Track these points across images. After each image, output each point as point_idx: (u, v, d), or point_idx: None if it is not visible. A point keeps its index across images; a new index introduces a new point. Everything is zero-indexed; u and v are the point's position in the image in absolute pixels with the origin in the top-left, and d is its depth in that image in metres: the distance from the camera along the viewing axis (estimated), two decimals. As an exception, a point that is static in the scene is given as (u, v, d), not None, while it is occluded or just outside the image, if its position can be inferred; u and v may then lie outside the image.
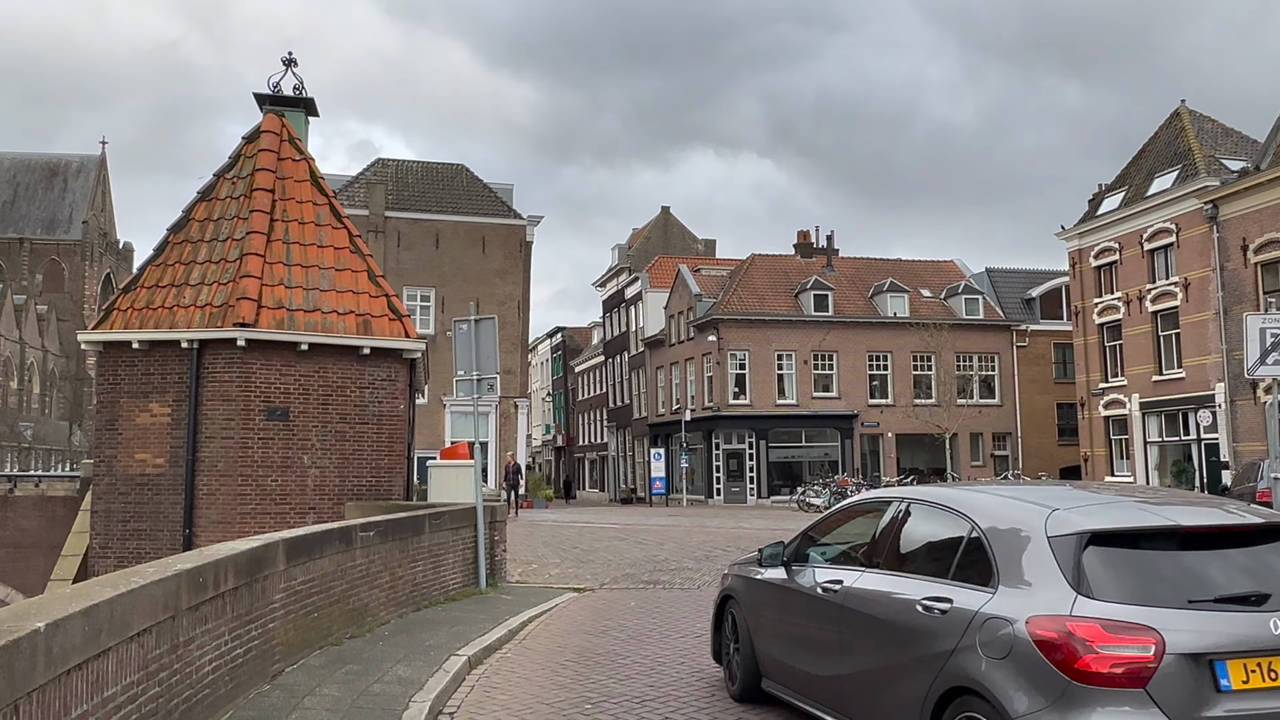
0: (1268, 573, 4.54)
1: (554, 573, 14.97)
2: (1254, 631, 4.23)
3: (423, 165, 46.61)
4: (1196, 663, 4.15)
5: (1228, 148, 37.79)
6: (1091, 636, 4.19)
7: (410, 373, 14.65)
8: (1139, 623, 4.18)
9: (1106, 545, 4.53)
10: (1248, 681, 4.18)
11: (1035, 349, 50.71)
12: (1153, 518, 4.74)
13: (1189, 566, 4.54)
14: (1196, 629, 4.21)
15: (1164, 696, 4.08)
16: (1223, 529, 4.72)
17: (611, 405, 64.18)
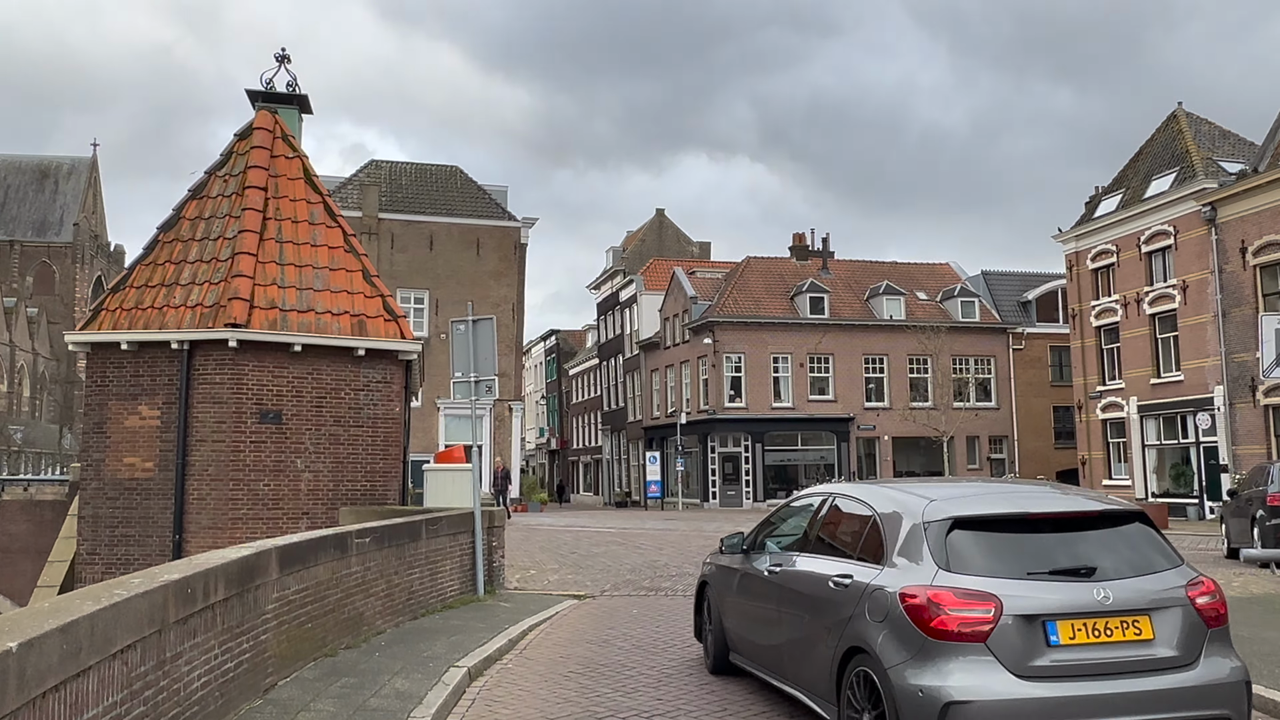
0: (1098, 550, 5.50)
1: (552, 579, 14.67)
2: (1081, 598, 5.21)
3: (416, 167, 46.31)
4: (1030, 622, 5.13)
5: (1225, 150, 37.66)
6: (944, 601, 5.18)
7: (406, 374, 14.34)
8: (982, 590, 5.18)
9: (966, 529, 5.52)
10: (1074, 638, 5.14)
11: (1031, 352, 50.57)
12: (1005, 506, 5.80)
13: (1031, 545, 5.50)
14: (1031, 595, 5.19)
15: (1000, 649, 5.08)
16: (1063, 514, 5.72)
17: (606, 408, 63.87)
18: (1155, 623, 5.27)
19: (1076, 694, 5.05)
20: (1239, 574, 13.81)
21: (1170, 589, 5.38)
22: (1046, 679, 5.06)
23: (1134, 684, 5.10)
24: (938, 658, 5.13)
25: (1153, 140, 40.16)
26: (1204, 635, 5.35)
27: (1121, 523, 5.74)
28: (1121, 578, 5.36)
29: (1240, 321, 33.15)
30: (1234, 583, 12.68)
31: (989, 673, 5.06)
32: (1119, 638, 5.20)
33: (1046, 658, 5.10)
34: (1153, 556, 5.60)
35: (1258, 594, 11.52)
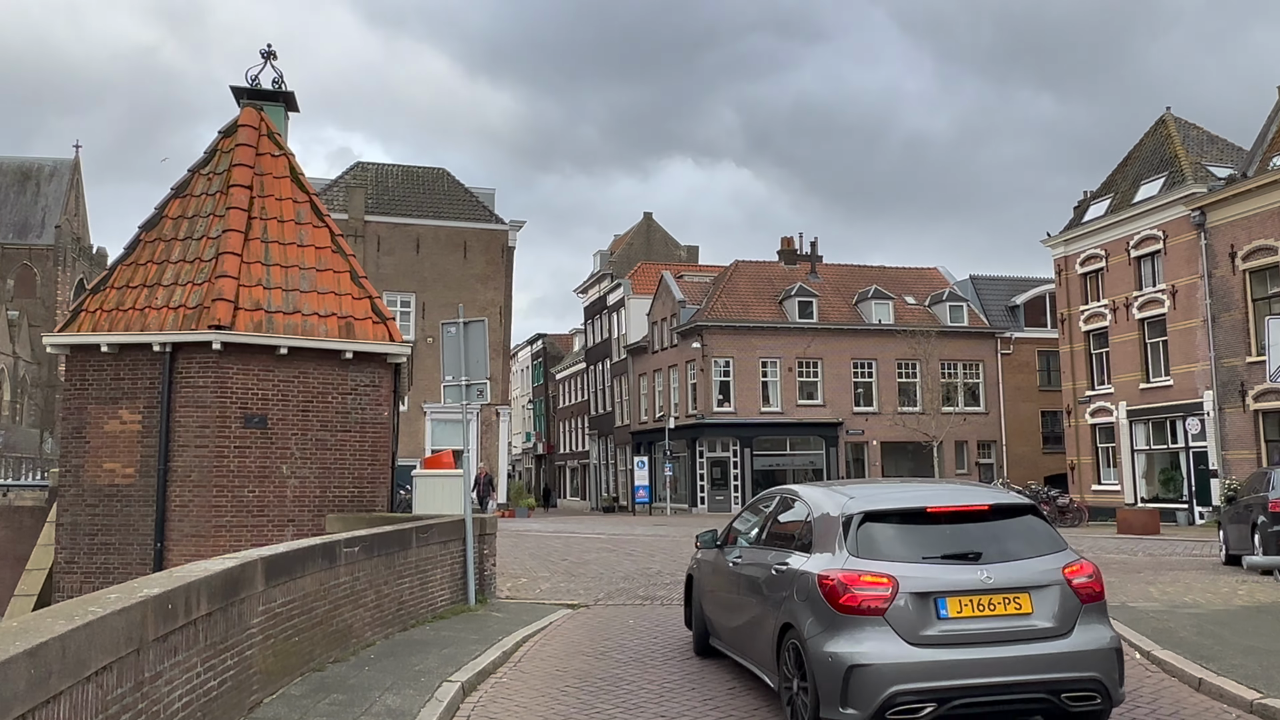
0: (986, 539, 6.42)
1: (544, 587, 14.35)
2: (967, 578, 6.13)
3: (403, 169, 45.92)
4: (923, 599, 6.05)
5: (1213, 155, 37.69)
6: (850, 582, 6.14)
7: (395, 378, 14.01)
8: (881, 572, 6.13)
9: (875, 522, 6.51)
10: (961, 611, 6.05)
11: (1019, 356, 50.53)
12: (909, 502, 6.80)
13: (928, 535, 6.43)
14: (924, 576, 6.12)
15: (897, 621, 6.01)
16: (957, 509, 6.61)
17: (593, 413, 63.53)
18: (1034, 599, 6.16)
19: (961, 658, 5.96)
20: (1243, 581, 13.61)
21: (1049, 570, 6.30)
22: (936, 646, 5.99)
23: (1013, 650, 6.02)
24: (845, 629, 6.09)
25: (1141, 145, 40.17)
26: (1079, 609, 6.25)
27: (1013, 515, 6.71)
28: (1005, 561, 6.28)
29: (1230, 326, 33.12)
30: (1239, 590, 12.48)
31: (886, 641, 5.99)
32: (1001, 611, 6.11)
33: (936, 628, 6.03)
34: (1039, 543, 6.53)
35: (1265, 603, 11.32)
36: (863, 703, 5.89)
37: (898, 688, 5.86)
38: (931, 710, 5.91)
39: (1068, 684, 6.03)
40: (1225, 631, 9.47)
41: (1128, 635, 9.49)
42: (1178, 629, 9.67)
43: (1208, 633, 9.43)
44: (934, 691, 5.89)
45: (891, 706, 5.87)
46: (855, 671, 5.93)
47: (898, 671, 5.89)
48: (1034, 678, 5.98)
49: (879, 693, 5.86)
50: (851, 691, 5.93)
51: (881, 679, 5.88)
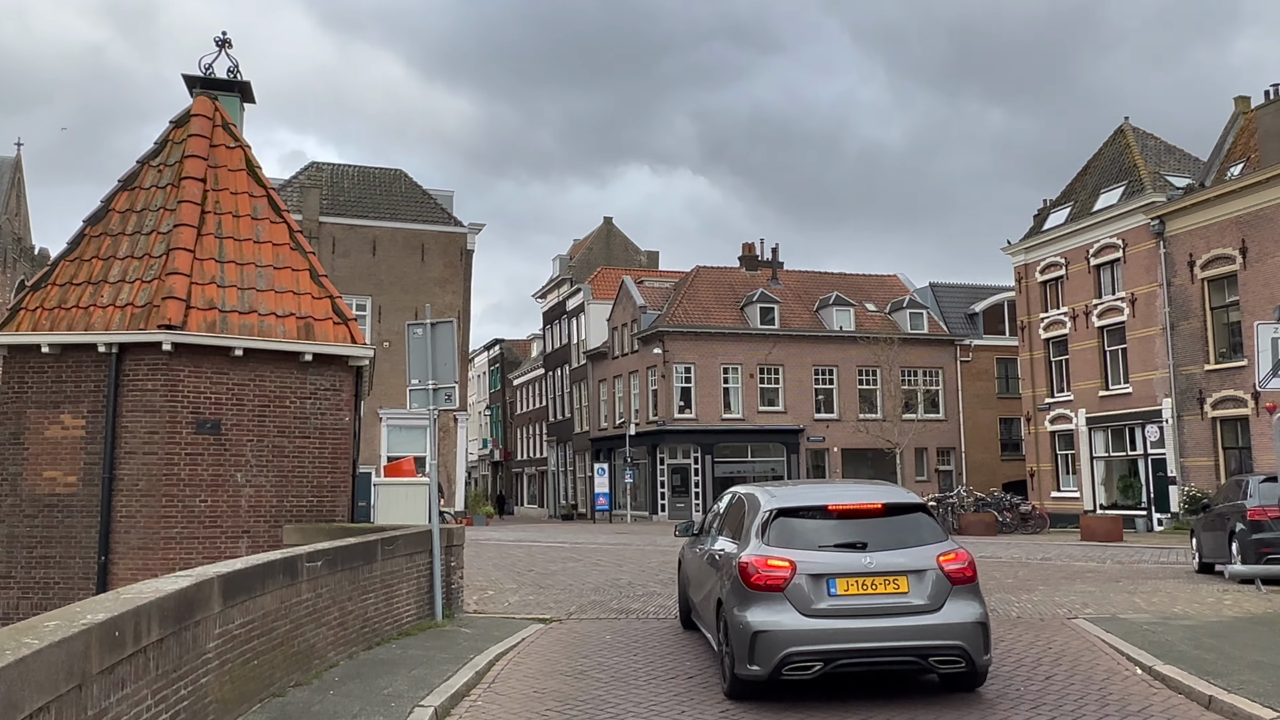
0: (875, 531, 7.75)
1: (513, 600, 13.78)
2: (854, 562, 7.51)
3: (359, 170, 45.01)
4: (817, 579, 7.44)
5: (1171, 165, 38.08)
6: (759, 564, 7.56)
7: (356, 381, 13.38)
8: (783, 555, 7.55)
9: (786, 517, 7.93)
10: (848, 590, 7.43)
11: (978, 364, 50.77)
12: (813, 501, 8.21)
13: (826, 527, 7.85)
14: (818, 561, 7.51)
15: (793, 596, 7.38)
16: (852, 507, 7.99)
17: (552, 419, 62.87)
18: (911, 581, 7.50)
19: (846, 627, 7.33)
20: (1225, 590, 13.43)
21: (925, 558, 7.58)
22: (825, 617, 7.37)
23: (891, 621, 7.37)
24: (753, 602, 7.51)
25: (1100, 154, 40.49)
26: (949, 590, 7.51)
27: (903, 513, 8.03)
28: (888, 550, 7.61)
29: (1189, 334, 33.40)
30: (1225, 600, 12.26)
31: (784, 612, 7.38)
32: (882, 590, 7.46)
33: (827, 603, 7.41)
34: (922, 536, 7.83)
35: (1257, 613, 11.09)
36: (764, 661, 7.34)
37: (791, 649, 7.29)
38: (819, 668, 7.34)
39: (935, 650, 7.39)
40: (1224, 645, 9.18)
41: (1125, 649, 9.18)
42: (1175, 642, 9.37)
43: (1206, 646, 9.14)
44: (821, 653, 7.31)
45: (787, 664, 7.31)
46: (758, 636, 7.37)
47: (792, 636, 7.32)
48: (906, 644, 7.36)
49: (776, 653, 7.30)
50: (756, 652, 7.38)
51: (778, 642, 7.31)
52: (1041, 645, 9.59)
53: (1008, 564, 19.47)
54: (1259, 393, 30.58)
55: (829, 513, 7.96)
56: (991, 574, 16.91)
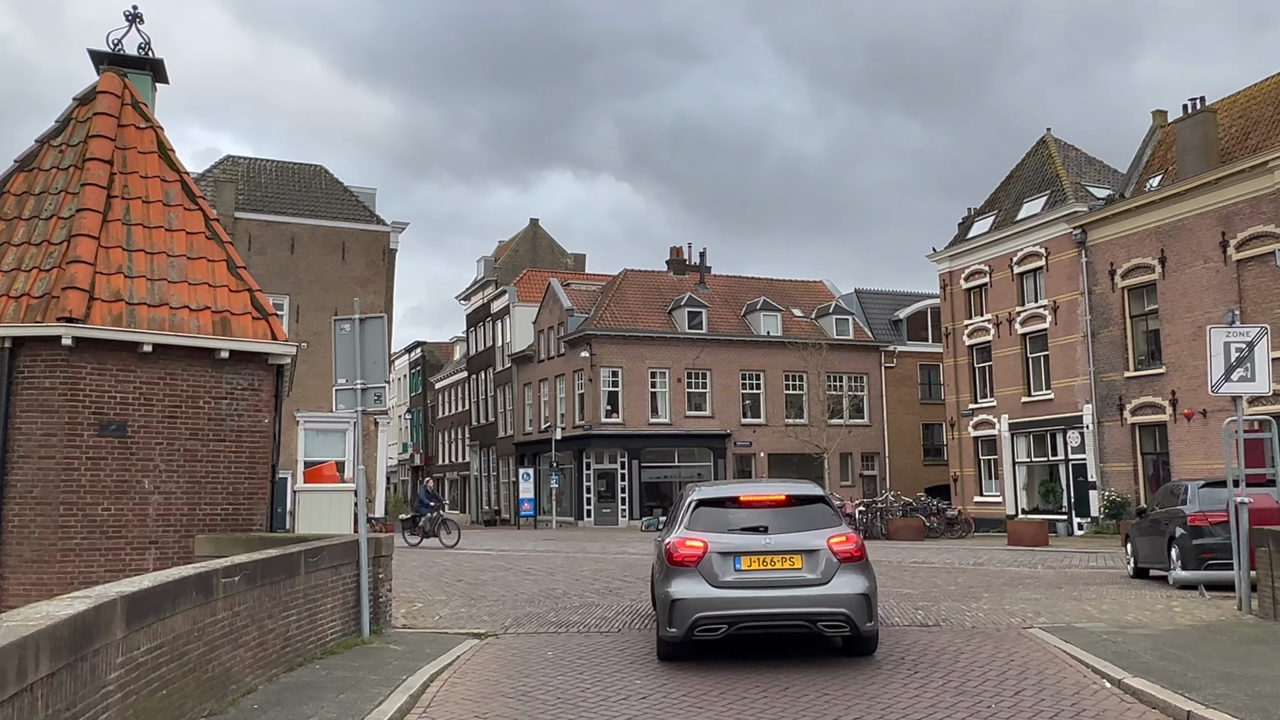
0: (776, 518, 9.19)
1: (443, 613, 13.04)
2: (756, 543, 8.97)
3: (277, 165, 43.50)
4: (725, 556, 8.92)
5: (1091, 176, 38.84)
6: (678, 545, 9.09)
7: (277, 381, 12.49)
8: (698, 536, 9.04)
9: (705, 506, 9.47)
10: (751, 565, 8.90)
11: (902, 370, 51.26)
12: (726, 493, 9.72)
13: (736, 515, 9.30)
14: (727, 541, 8.99)
15: (705, 571, 8.89)
16: (759, 498, 9.52)
17: (475, 423, 61.74)
18: (805, 559, 8.93)
19: (747, 596, 8.81)
20: (1171, 597, 13.35)
21: (818, 540, 9.00)
22: (731, 588, 8.86)
23: (786, 592, 8.82)
24: (673, 577, 9.00)
25: (1023, 165, 41.13)
26: (838, 567, 8.90)
27: (806, 503, 9.50)
28: (785, 533, 9.05)
29: (1109, 342, 34.01)
30: (1175, 608, 12.13)
31: (697, 584, 8.88)
32: (779, 566, 8.90)
33: (732, 575, 8.90)
34: (818, 522, 9.24)
35: (1211, 621, 10.95)
36: (680, 624, 8.87)
37: (701, 614, 8.80)
38: (724, 630, 8.87)
39: (823, 616, 8.82)
40: (1189, 655, 8.94)
41: (1089, 661, 8.88)
42: (1138, 653, 9.11)
43: (1171, 657, 8.89)
44: (726, 617, 8.82)
45: (697, 626, 8.83)
46: (675, 604, 8.91)
47: (702, 604, 8.82)
48: (798, 610, 8.81)
49: (689, 617, 8.82)
50: (674, 617, 8.90)
51: (690, 608, 8.83)
52: (1004, 658, 9.25)
53: (945, 570, 19.33)
54: (1176, 399, 31.28)
55: (740, 503, 9.52)
56: (933, 581, 16.69)
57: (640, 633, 11.22)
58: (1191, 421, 30.69)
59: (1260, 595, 10.82)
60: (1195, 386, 30.50)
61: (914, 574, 18.42)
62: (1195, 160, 31.38)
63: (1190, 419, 30.70)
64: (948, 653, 9.50)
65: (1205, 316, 30.23)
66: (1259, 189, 28.54)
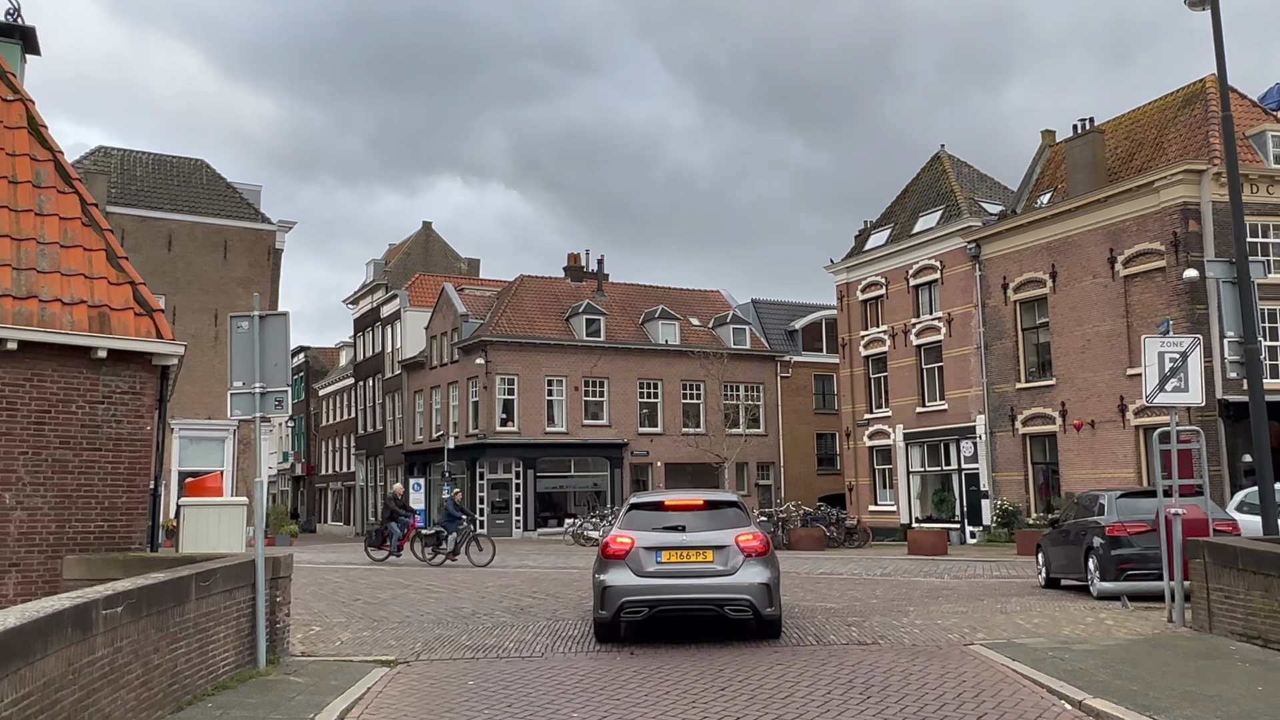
0: (694, 519, 10.98)
1: (345, 638, 12.01)
2: (675, 539, 10.71)
3: (154, 158, 41.10)
4: (650, 550, 10.58)
5: (984, 191, 39.78)
6: (611, 541, 10.83)
7: (161, 384, 11.30)
8: (628, 534, 10.75)
9: (636, 509, 11.35)
10: (670, 559, 10.58)
11: (797, 380, 51.61)
12: (654, 498, 11.65)
13: (660, 516, 11.10)
14: (652, 538, 10.69)
15: (632, 563, 10.55)
16: (681, 503, 11.29)
17: (361, 431, 59.70)
18: (715, 553, 10.55)
19: (666, 583, 10.45)
20: (1094, 608, 13.26)
21: (727, 538, 10.62)
22: (652, 577, 10.49)
23: (698, 580, 10.46)
24: (606, 568, 10.70)
25: (918, 179, 41.88)
26: (743, 560, 10.50)
27: (721, 507, 11.23)
28: (700, 531, 10.78)
29: (1002, 354, 34.74)
30: (1106, 621, 11.99)
31: (625, 573, 10.54)
32: (694, 560, 10.55)
33: (655, 566, 10.54)
34: (730, 522, 10.93)
35: (1146, 634, 10.80)
36: (609, 607, 10.52)
37: (627, 599, 10.43)
38: (646, 612, 10.49)
39: (728, 601, 10.45)
40: (1141, 672, 8.69)
41: (1042, 680, 8.54)
42: (1090, 670, 8.81)
43: (1125, 674, 8.61)
44: (647, 601, 10.44)
45: (623, 609, 10.47)
46: (606, 590, 10.57)
47: (627, 590, 10.46)
48: (708, 596, 10.45)
49: (616, 601, 10.46)
50: (604, 601, 10.57)
51: (618, 594, 10.47)
52: (953, 679, 8.83)
53: (856, 581, 19.10)
54: (1066, 410, 32.09)
55: (665, 506, 11.31)
56: (851, 594, 16.38)
57: (565, 656, 10.47)
58: (1080, 432, 31.53)
59: (1194, 607, 10.74)
60: (1084, 398, 31.38)
61: (828, 586, 18.12)
62: (1085, 179, 32.32)
63: (1079, 429, 31.54)
64: (896, 674, 9.05)
65: (1094, 330, 31.15)
66: (1145, 208, 29.52)
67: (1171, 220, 28.67)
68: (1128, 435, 30.01)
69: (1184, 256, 28.22)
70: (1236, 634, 9.86)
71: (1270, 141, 29.35)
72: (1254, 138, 29.74)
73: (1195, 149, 29.60)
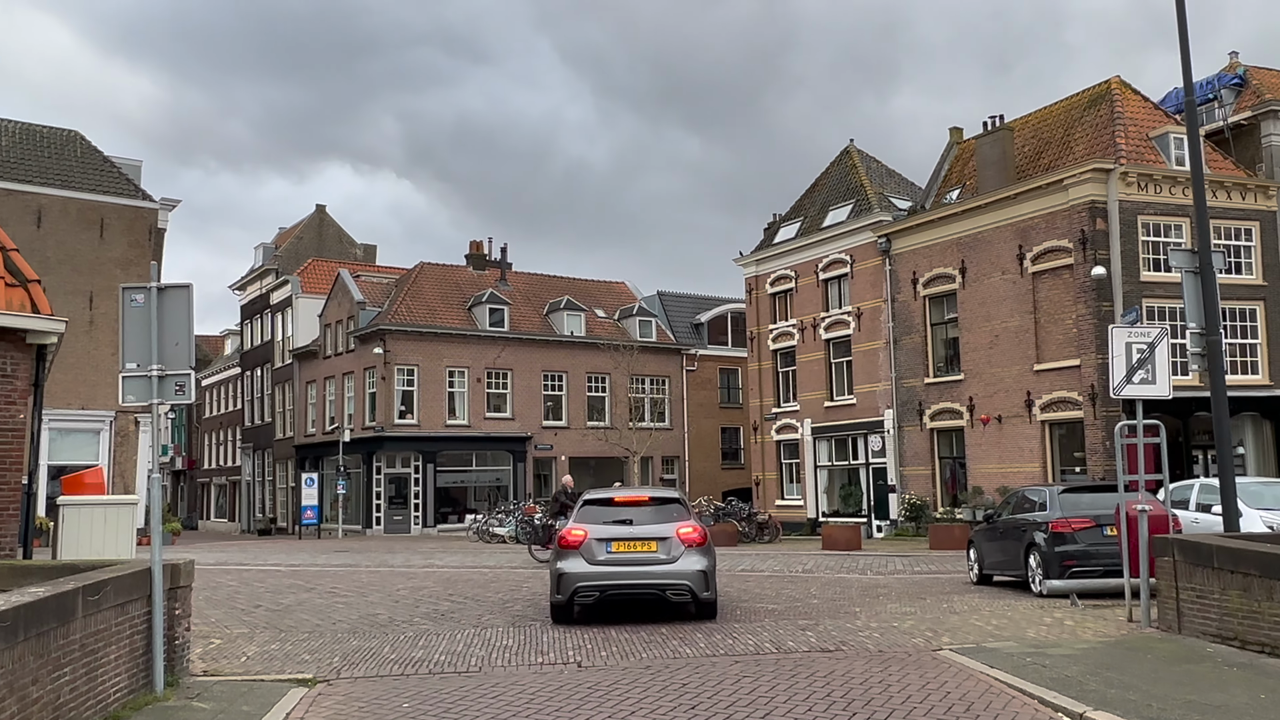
0: (641, 513, 12.31)
1: (250, 652, 10.75)
2: (623, 532, 12.06)
3: (22, 127, 38.09)
4: (601, 541, 11.99)
5: (892, 187, 39.93)
6: (567, 533, 12.25)
7: (37, 366, 9.85)
8: (582, 527, 12.20)
9: (590, 505, 12.74)
10: (619, 549, 11.95)
11: (703, 374, 51.25)
12: (609, 494, 13.27)
13: (611, 510, 12.45)
14: (603, 530, 12.08)
15: (585, 553, 11.97)
16: (629, 499, 12.71)
17: (248, 424, 57.00)
18: (658, 544, 11.83)
19: (615, 570, 11.76)
20: (1044, 607, 12.90)
21: (669, 530, 11.89)
22: (603, 564, 11.79)
23: (644, 568, 11.78)
24: (562, 557, 11.98)
25: (828, 173, 41.83)
26: (683, 550, 11.78)
27: (664, 503, 12.53)
28: (645, 525, 12.04)
29: (910, 349, 34.87)
30: (1066, 621, 11.58)
31: (578, 562, 11.83)
32: (640, 550, 11.84)
33: (605, 555, 11.85)
34: (672, 516, 12.18)
35: (1117, 636, 10.39)
36: (564, 591, 11.75)
37: (580, 584, 11.66)
38: (597, 595, 11.77)
39: (670, 586, 11.70)
40: (1131, 679, 8.20)
41: (1034, 691, 7.96)
42: (1076, 677, 8.29)
43: (1115, 682, 8.11)
44: (598, 586, 11.69)
45: (577, 594, 11.71)
46: (561, 576, 11.78)
47: (580, 576, 11.68)
48: (651, 581, 11.69)
49: (570, 586, 11.69)
50: (560, 586, 11.79)
51: (572, 580, 11.69)
52: (936, 689, 8.19)
53: (783, 579, 18.54)
54: (974, 405, 32.35)
55: (614, 502, 12.68)
56: (787, 594, 15.76)
57: (506, 670, 9.47)
58: (988, 427, 31.81)
59: (1161, 606, 10.39)
60: (992, 393, 31.67)
61: (758, 584, 17.50)
62: (994, 176, 32.60)
63: (987, 424, 31.82)
64: (874, 685, 8.36)
65: (1003, 326, 31.44)
66: (1054, 205, 29.87)
67: (1080, 218, 29.06)
68: (1034, 430, 30.37)
69: (1091, 254, 28.63)
70: (1210, 635, 9.51)
71: (1172, 143, 30.03)
72: (1157, 139, 30.41)
73: (1102, 148, 30.09)
